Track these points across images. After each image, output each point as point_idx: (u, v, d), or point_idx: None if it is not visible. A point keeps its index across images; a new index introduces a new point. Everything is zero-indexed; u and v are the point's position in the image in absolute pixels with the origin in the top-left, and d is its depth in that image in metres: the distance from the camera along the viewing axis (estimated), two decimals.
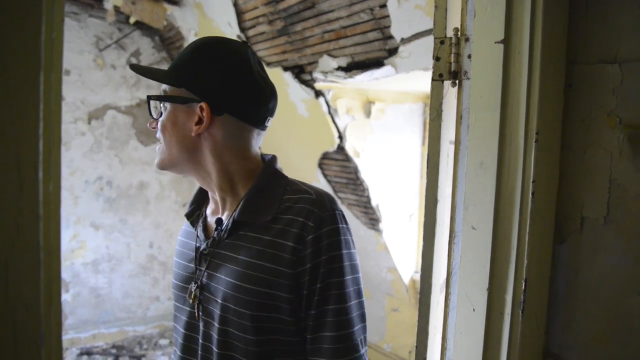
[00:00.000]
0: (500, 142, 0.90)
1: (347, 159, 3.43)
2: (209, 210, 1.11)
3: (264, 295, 0.93)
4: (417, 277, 3.55)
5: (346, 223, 0.99)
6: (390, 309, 3.75)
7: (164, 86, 1.03)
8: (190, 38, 4.15)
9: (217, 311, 0.96)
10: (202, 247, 1.03)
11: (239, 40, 1.10)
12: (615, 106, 0.86)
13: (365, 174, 3.43)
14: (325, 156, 3.58)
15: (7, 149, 0.36)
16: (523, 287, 0.89)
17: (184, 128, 1.00)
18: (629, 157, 0.85)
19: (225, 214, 1.05)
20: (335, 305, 0.93)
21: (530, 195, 0.87)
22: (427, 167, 1.04)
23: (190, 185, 5.02)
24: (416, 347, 1.03)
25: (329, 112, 3.38)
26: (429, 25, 2.14)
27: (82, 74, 4.34)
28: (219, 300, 0.96)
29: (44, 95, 0.37)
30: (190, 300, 1.01)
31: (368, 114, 3.72)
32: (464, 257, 0.95)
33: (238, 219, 0.99)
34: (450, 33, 0.99)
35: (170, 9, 3.95)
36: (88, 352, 4.30)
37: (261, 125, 1.05)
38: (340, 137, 3.49)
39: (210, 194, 1.10)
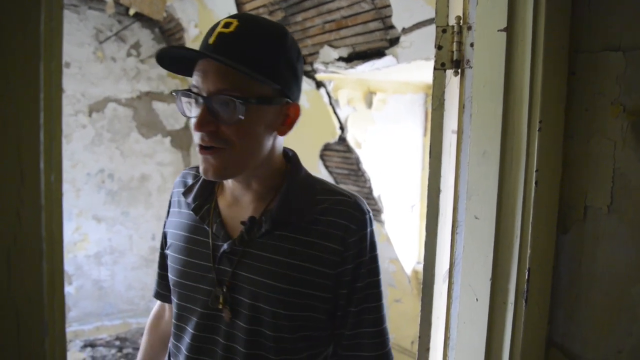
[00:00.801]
0: (503, 131, 0.89)
1: (349, 150, 3.42)
2: (223, 204, 1.03)
3: (302, 295, 0.92)
4: (420, 267, 3.55)
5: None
6: (393, 300, 3.76)
7: (234, 82, 0.85)
8: (190, 29, 4.13)
9: (247, 312, 0.93)
10: (226, 246, 0.96)
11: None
12: (619, 94, 0.86)
13: (366, 165, 3.43)
14: (326, 147, 3.57)
15: (8, 140, 0.35)
16: (526, 276, 0.89)
17: (268, 130, 0.91)
18: (632, 146, 0.85)
19: (251, 210, 0.99)
20: (374, 304, 0.99)
21: (533, 185, 0.87)
22: (430, 157, 1.04)
23: None
24: (419, 337, 1.04)
25: (330, 103, 3.37)
26: (431, 14, 2.13)
27: (82, 66, 4.33)
28: (252, 302, 0.93)
29: (44, 84, 0.36)
30: (220, 305, 0.94)
31: (369, 104, 3.71)
32: (467, 247, 0.95)
33: (277, 218, 0.94)
34: (452, 21, 0.98)
35: (169, 0, 3.93)
36: (92, 344, 4.33)
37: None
38: (342, 128, 3.48)
39: (232, 188, 1.02)
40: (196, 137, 0.89)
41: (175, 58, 0.90)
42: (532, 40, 0.85)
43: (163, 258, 1.15)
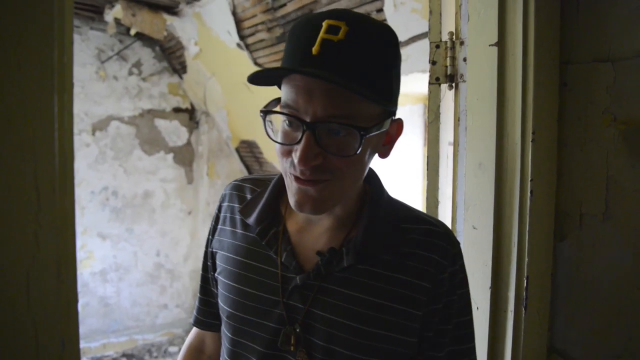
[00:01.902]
0: (498, 143, 0.91)
1: None
2: (293, 228, 0.88)
3: (385, 339, 0.79)
4: None
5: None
6: None
7: (348, 107, 0.70)
8: (191, 47, 4.19)
9: (319, 356, 0.82)
10: (299, 279, 0.82)
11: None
12: (609, 104, 0.88)
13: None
14: None
15: (25, 168, 0.38)
16: (525, 284, 0.90)
17: (373, 154, 0.78)
18: (624, 154, 0.87)
19: (328, 238, 0.85)
20: (464, 346, 0.84)
21: (529, 194, 0.89)
22: (427, 169, 1.06)
23: (194, 193, 5.05)
24: None
25: None
26: (426, 27, 2.16)
27: (85, 86, 4.38)
28: (327, 345, 0.81)
29: (58, 115, 0.39)
30: (291, 347, 0.82)
31: None
32: (466, 256, 0.97)
33: (361, 251, 0.80)
34: (445, 37, 1.01)
35: (170, 19, 3.99)
36: None
37: None
38: None
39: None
40: (292, 168, 0.73)
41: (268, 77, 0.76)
42: (522, 54, 0.88)
43: (207, 282, 1.01)
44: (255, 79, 0.74)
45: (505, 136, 0.91)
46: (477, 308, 0.94)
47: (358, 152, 0.70)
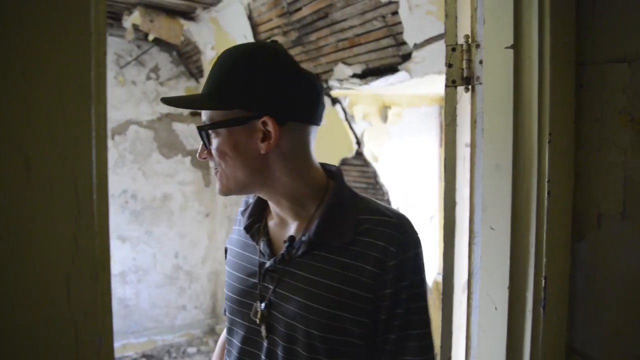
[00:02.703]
0: (515, 144, 0.92)
1: (366, 164, 3.46)
2: (271, 223, 1.05)
3: (336, 317, 0.90)
4: (440, 278, 3.54)
5: (421, 247, 0.97)
6: None
7: (207, 112, 0.95)
8: (207, 52, 4.24)
9: (283, 330, 0.94)
10: (269, 264, 0.98)
11: (265, 41, 1.00)
12: (626, 104, 0.88)
13: (384, 178, 3.46)
14: (344, 162, 3.62)
15: (66, 174, 0.40)
16: (543, 284, 0.91)
17: (248, 149, 0.92)
18: None
19: (293, 229, 1.00)
20: (419, 330, 0.93)
21: (546, 195, 0.90)
22: (444, 171, 1.07)
23: (212, 195, 5.10)
24: (440, 346, 1.06)
25: (346, 119, 3.42)
26: (441, 29, 2.17)
27: None
28: (288, 320, 0.94)
29: (95, 124, 0.41)
30: (258, 320, 0.97)
31: (385, 118, 3.75)
32: (484, 257, 0.98)
33: (314, 239, 0.94)
34: (461, 40, 1.02)
35: (186, 24, 4.05)
36: None
37: (320, 121, 0.99)
38: (358, 142, 3.52)
39: (273, 207, 1.03)
40: None
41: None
42: (538, 56, 0.89)
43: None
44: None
45: (522, 138, 0.92)
46: (496, 308, 0.95)
47: (208, 143, 0.94)
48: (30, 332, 0.39)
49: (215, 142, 0.94)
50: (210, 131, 0.93)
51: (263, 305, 0.96)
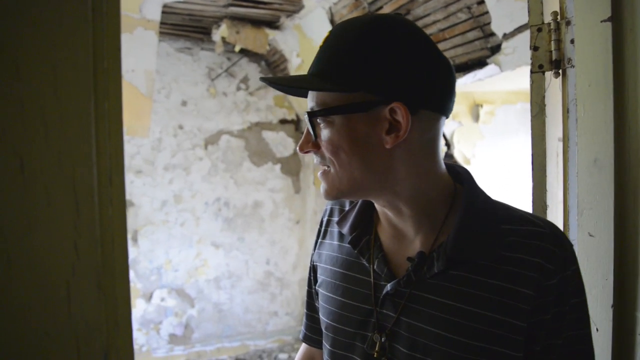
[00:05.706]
0: (617, 135, 0.78)
1: None
2: (384, 236, 0.87)
3: (480, 351, 0.74)
4: None
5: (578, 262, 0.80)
6: None
7: (317, 96, 0.78)
8: (293, 59, 4.29)
9: None
10: (390, 287, 0.81)
11: (388, 14, 0.82)
12: None
13: (477, 181, 3.27)
14: None
15: (65, 179, 0.37)
16: None
17: (369, 142, 0.76)
18: None
19: (419, 243, 0.82)
20: None
21: None
22: (532, 169, 0.94)
23: (302, 202, 5.15)
24: None
25: None
26: None
27: (197, 103, 4.68)
28: (418, 355, 0.78)
29: (96, 125, 0.38)
30: (375, 353, 0.81)
31: (476, 117, 3.54)
32: (582, 269, 0.84)
33: (452, 256, 0.77)
34: (548, 18, 0.89)
35: (271, 33, 4.13)
36: None
37: (451, 112, 0.83)
38: (448, 144, 3.36)
39: (388, 216, 0.85)
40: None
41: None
42: None
43: (312, 297, 1.02)
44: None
45: (626, 126, 0.77)
46: (597, 330, 0.80)
47: (316, 133, 0.78)
48: (28, 348, 0.36)
49: (325, 132, 0.77)
50: (320, 119, 0.77)
51: (380, 336, 0.80)
